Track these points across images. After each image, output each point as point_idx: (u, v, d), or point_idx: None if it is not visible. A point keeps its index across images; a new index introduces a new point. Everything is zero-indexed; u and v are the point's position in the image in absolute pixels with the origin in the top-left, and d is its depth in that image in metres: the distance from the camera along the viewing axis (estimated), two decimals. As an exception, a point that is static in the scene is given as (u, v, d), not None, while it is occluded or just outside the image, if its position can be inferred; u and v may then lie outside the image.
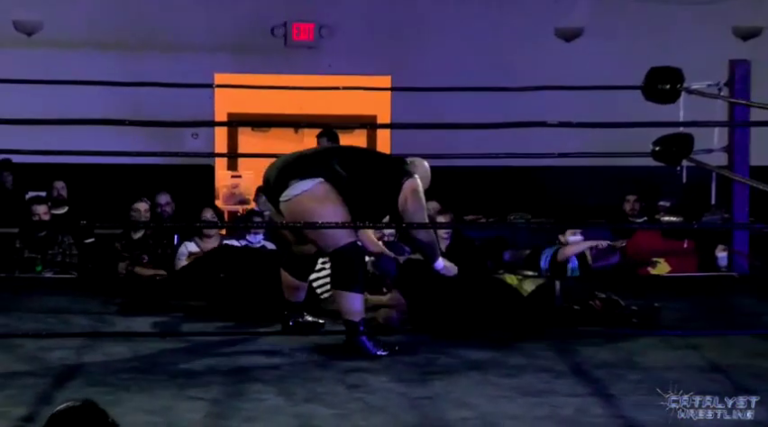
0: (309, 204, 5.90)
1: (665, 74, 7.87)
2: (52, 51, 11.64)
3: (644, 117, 6.46)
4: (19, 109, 7.91)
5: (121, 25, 11.86)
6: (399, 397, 5.13)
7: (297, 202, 5.92)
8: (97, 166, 10.35)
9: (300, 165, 6.02)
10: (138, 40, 11.78)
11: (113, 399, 4.96)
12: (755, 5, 12.38)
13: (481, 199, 11.26)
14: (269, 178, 6.09)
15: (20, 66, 10.27)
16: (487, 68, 11.38)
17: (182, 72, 10.34)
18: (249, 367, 5.60)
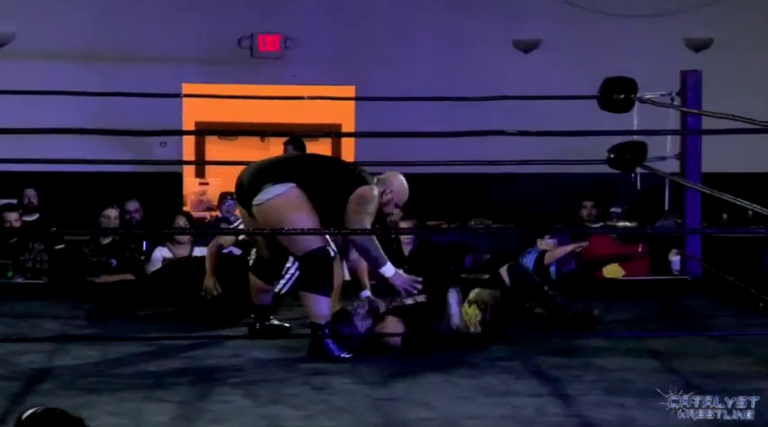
0: (281, 208, 5.86)
1: (619, 84, 7.90)
2: (24, 62, 11.58)
3: (599, 126, 6.48)
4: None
5: (91, 37, 11.82)
6: (363, 399, 5.11)
7: (270, 206, 5.88)
8: (68, 174, 10.32)
9: (273, 170, 5.99)
10: (108, 52, 11.74)
11: (82, 402, 4.92)
12: (706, 18, 12.46)
13: (443, 205, 11.27)
14: (242, 182, 6.05)
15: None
16: (448, 79, 11.42)
17: (151, 82, 10.30)
18: (216, 370, 5.57)
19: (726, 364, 5.68)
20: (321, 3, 11.75)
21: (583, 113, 8.10)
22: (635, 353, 5.89)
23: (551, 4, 12.53)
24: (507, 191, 12.00)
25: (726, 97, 8.35)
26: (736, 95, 10.00)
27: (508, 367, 5.65)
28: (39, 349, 5.85)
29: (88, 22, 11.95)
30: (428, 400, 5.05)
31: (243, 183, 6.03)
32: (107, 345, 5.97)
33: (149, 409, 4.90)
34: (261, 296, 6.27)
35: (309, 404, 5.01)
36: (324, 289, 5.92)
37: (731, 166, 10.53)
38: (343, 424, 4.72)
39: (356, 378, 5.42)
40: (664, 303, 7.34)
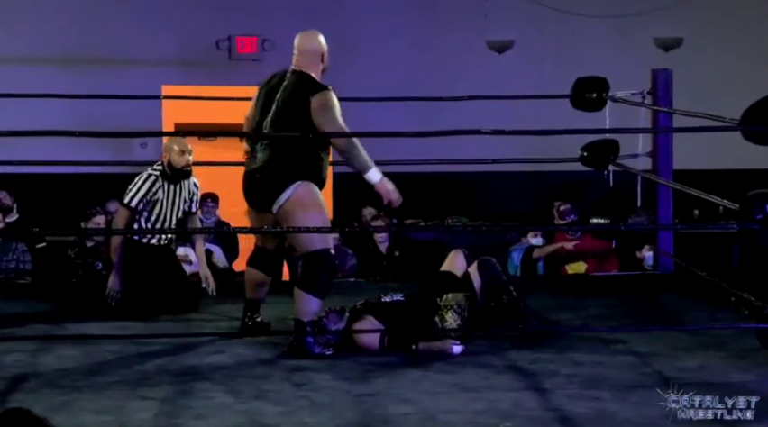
0: (294, 208, 5.89)
1: (591, 83, 7.93)
2: (3, 67, 11.54)
3: (572, 124, 6.49)
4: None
5: (70, 41, 11.80)
6: (343, 394, 5.11)
7: (285, 210, 5.89)
8: (50, 175, 10.29)
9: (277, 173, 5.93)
10: (87, 55, 11.71)
11: (66, 400, 4.91)
12: (675, 18, 12.52)
13: (420, 204, 11.27)
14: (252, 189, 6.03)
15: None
16: (424, 79, 11.43)
17: (131, 85, 10.27)
18: (197, 367, 5.56)
19: (699, 357, 5.70)
20: (298, 6, 11.75)
21: (556, 111, 8.11)
22: (609, 348, 5.91)
23: (523, 6, 12.56)
24: (482, 189, 12.03)
25: (697, 96, 8.39)
26: (706, 93, 10.05)
27: (485, 363, 5.65)
28: (23, 349, 5.83)
29: (68, 26, 11.92)
30: (407, 395, 5.05)
31: (254, 190, 6.01)
32: (90, 344, 5.96)
33: (132, 406, 4.88)
34: (258, 291, 6.22)
35: (290, 399, 5.00)
36: (320, 290, 5.90)
37: (702, 163, 10.58)
38: (324, 420, 4.72)
39: (336, 374, 5.42)
40: (638, 298, 7.36)
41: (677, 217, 8.42)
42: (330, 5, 12.01)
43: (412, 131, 7.17)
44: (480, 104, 8.74)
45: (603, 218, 10.08)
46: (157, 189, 6.94)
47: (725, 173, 10.37)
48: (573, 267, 9.37)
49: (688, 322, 6.69)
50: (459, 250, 6.36)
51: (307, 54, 6.09)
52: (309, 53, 6.09)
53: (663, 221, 8.06)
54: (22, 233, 8.56)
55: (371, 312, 5.99)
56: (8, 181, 10.23)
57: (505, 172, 10.96)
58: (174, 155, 6.99)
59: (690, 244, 8.37)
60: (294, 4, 11.76)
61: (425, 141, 6.41)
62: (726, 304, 6.87)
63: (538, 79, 10.68)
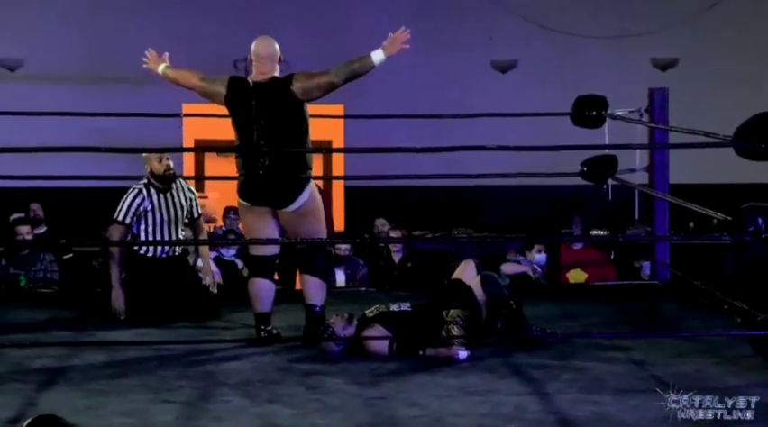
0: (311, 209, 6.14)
1: (591, 102, 7.93)
2: (33, 86, 11.59)
3: (572, 141, 6.50)
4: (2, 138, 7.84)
5: (96, 62, 11.85)
6: (354, 398, 5.11)
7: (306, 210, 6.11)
8: (76, 189, 10.29)
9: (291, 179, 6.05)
10: (111, 75, 11.74)
11: (92, 403, 4.93)
12: (671, 39, 12.53)
13: (428, 216, 11.30)
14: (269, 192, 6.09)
15: (3, 99, 10.20)
16: (431, 98, 11.44)
17: (153, 103, 10.29)
18: (216, 372, 5.57)
19: (695, 363, 5.70)
20: (311, 28, 11.77)
21: (558, 128, 8.12)
22: (609, 353, 5.91)
23: (526, 27, 12.57)
24: (487, 202, 12.03)
25: (692, 113, 8.39)
26: (701, 110, 10.05)
27: (490, 368, 5.65)
28: (50, 354, 5.86)
29: (93, 47, 11.97)
30: (416, 399, 5.06)
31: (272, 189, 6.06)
32: (114, 350, 5.98)
33: (154, 409, 4.90)
34: (264, 303, 6.22)
35: (304, 403, 5.01)
36: (327, 276, 6.22)
37: (697, 177, 10.58)
38: (336, 422, 4.72)
39: (348, 379, 5.42)
40: (636, 306, 7.36)
41: (673, 229, 8.42)
42: (340, 27, 12.03)
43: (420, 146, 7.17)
44: (485, 121, 8.73)
45: (602, 230, 10.08)
46: (143, 201, 6.90)
47: (718, 187, 10.35)
48: (574, 275, 9.36)
49: (683, 329, 6.69)
50: (470, 260, 6.38)
51: (271, 59, 6.18)
52: (271, 58, 6.20)
53: (660, 232, 8.07)
54: (50, 245, 8.57)
55: (380, 320, 6.00)
56: (37, 195, 10.27)
57: (508, 186, 10.94)
58: (154, 164, 6.98)
59: (686, 255, 8.36)
60: (306, 28, 11.78)
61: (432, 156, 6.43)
62: (719, 312, 6.87)
63: (540, 97, 10.66)
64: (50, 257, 8.71)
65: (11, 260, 8.77)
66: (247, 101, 6.04)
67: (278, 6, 12.35)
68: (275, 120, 6.00)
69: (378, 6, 11.88)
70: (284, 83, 6.02)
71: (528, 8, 12.59)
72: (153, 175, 6.96)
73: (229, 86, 6.10)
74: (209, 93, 6.18)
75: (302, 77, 6.03)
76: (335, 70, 6.02)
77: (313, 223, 6.15)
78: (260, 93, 6.03)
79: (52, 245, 8.14)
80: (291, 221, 6.08)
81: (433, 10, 12.13)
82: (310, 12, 12.25)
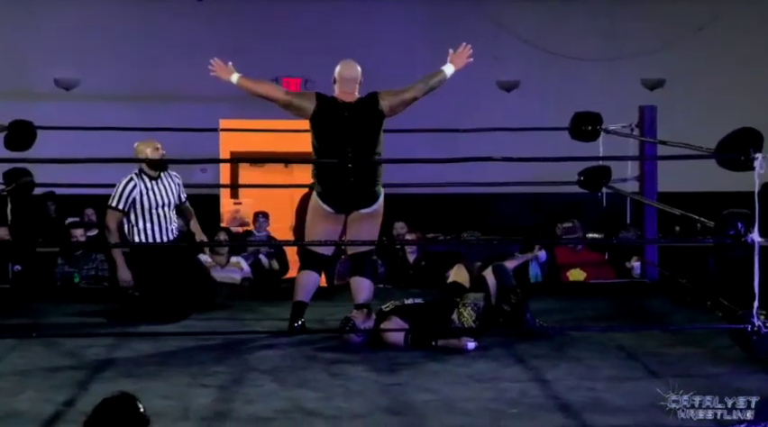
0: (380, 214, 6.16)
1: (587, 117, 7.93)
2: (86, 103, 11.66)
3: (570, 153, 6.49)
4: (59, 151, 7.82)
5: (142, 81, 11.91)
6: (373, 384, 5.11)
7: (377, 212, 6.14)
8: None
9: (372, 184, 6.09)
10: (155, 93, 11.81)
11: (138, 387, 4.92)
12: (659, 62, 12.53)
13: (440, 220, 11.29)
14: (352, 194, 6.07)
15: (60, 115, 10.25)
16: (443, 114, 11.43)
17: (192, 118, 10.33)
18: (248, 360, 5.57)
19: (680, 353, 5.68)
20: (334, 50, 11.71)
21: (557, 142, 8.10)
22: (603, 345, 5.88)
23: (528, 50, 12.58)
24: (493, 208, 12.02)
25: (678, 128, 8.36)
26: (686, 126, 10.00)
27: (496, 357, 5.64)
28: (101, 344, 5.87)
29: (140, 68, 12.03)
30: (429, 385, 5.06)
31: (353, 196, 6.06)
32: (158, 340, 5.97)
33: (193, 393, 4.91)
34: (306, 294, 6.17)
35: (328, 387, 5.01)
36: (375, 279, 6.37)
37: (683, 186, 10.54)
38: (357, 405, 4.72)
39: (368, 367, 5.42)
40: (627, 302, 7.33)
41: (661, 233, 8.39)
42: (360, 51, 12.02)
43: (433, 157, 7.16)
44: (492, 135, 8.73)
45: (597, 233, 10.06)
46: (136, 188, 6.73)
47: (702, 195, 10.29)
48: (574, 274, 9.33)
49: (670, 322, 6.66)
50: (460, 264, 6.37)
51: (354, 81, 6.17)
52: (355, 80, 6.18)
53: (649, 236, 8.04)
54: (101, 246, 8.58)
55: (397, 313, 5.99)
56: (91, 201, 10.30)
57: (513, 193, 10.96)
58: (149, 151, 6.81)
59: (672, 256, 8.34)
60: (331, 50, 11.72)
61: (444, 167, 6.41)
62: (703, 307, 6.85)
63: (541, 114, 10.66)
64: (100, 257, 8.73)
65: (66, 260, 8.81)
66: (338, 118, 6.01)
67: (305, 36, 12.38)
68: (365, 135, 6.01)
69: (394, 31, 11.89)
70: (371, 101, 6.02)
71: (530, 33, 12.61)
72: (148, 164, 6.85)
73: (318, 103, 6.05)
74: (295, 106, 6.10)
75: (388, 95, 6.06)
76: (418, 86, 6.13)
77: (375, 226, 6.16)
78: (351, 111, 6.03)
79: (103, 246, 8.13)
80: (360, 220, 6.06)
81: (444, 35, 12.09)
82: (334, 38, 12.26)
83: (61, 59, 12.26)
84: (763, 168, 5.31)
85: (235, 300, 7.36)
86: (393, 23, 12.41)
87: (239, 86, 6.24)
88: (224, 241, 9.39)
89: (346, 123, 6.00)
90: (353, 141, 5.99)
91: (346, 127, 6.00)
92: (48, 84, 12.25)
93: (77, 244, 9.14)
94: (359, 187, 6.01)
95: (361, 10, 12.66)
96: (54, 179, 7.53)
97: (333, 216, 6.09)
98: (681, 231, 10.29)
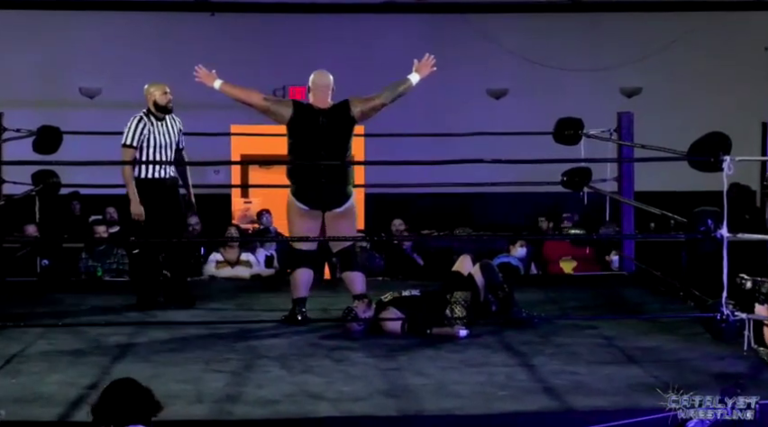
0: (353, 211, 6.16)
1: (569, 123, 7.93)
2: (109, 111, 11.61)
3: (554, 155, 6.49)
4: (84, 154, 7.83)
5: (159, 89, 11.83)
6: (373, 369, 5.11)
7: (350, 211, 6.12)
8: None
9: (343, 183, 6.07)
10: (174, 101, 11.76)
11: (156, 372, 4.94)
12: (636, 72, 12.54)
13: (434, 218, 11.29)
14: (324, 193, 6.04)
15: (84, 122, 10.24)
16: (437, 119, 11.45)
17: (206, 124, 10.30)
18: (258, 347, 5.57)
19: (655, 340, 5.68)
20: (338, 61, 11.75)
21: (542, 145, 8.09)
22: (584, 332, 5.89)
23: (516, 61, 12.58)
24: (484, 207, 12.02)
25: (653, 133, 8.33)
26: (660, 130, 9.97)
27: (486, 344, 5.64)
28: (122, 332, 5.87)
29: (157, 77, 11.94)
30: (424, 370, 5.06)
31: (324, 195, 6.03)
32: (174, 328, 5.97)
33: (207, 377, 4.91)
34: (306, 289, 6.14)
35: (331, 373, 5.01)
36: (365, 269, 6.31)
37: (658, 185, 10.52)
38: (358, 388, 4.73)
39: (368, 353, 5.42)
40: (607, 293, 7.33)
41: (637, 229, 8.38)
42: (362, 62, 12.04)
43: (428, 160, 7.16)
44: (482, 139, 8.71)
45: (580, 229, 10.06)
46: (146, 127, 6.65)
47: (675, 194, 10.27)
48: (565, 264, 9.37)
49: (646, 311, 6.66)
50: (466, 255, 6.35)
51: (327, 88, 6.16)
52: (328, 87, 6.17)
53: (627, 231, 8.03)
54: (122, 242, 8.58)
55: (395, 304, 5.99)
56: (113, 200, 10.29)
57: (501, 193, 10.94)
58: (159, 95, 6.74)
59: (648, 250, 8.33)
60: (335, 60, 11.76)
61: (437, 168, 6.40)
62: (676, 298, 6.85)
63: (527, 120, 10.61)
64: (121, 251, 8.72)
65: (90, 254, 8.80)
66: (314, 122, 6.02)
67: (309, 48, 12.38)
68: (337, 139, 6.00)
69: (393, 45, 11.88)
70: (343, 107, 6.02)
71: (518, 45, 12.60)
72: (156, 105, 6.75)
73: (295, 109, 6.05)
74: (272, 112, 6.12)
75: (358, 102, 6.05)
76: (385, 94, 6.09)
77: (351, 223, 6.15)
78: (325, 116, 6.02)
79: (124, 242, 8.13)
80: (335, 219, 6.06)
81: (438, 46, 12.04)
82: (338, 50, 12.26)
83: (85, 70, 12.27)
84: (731, 169, 5.31)
85: (245, 292, 7.38)
86: (391, 37, 12.39)
87: (222, 92, 6.24)
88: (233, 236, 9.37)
89: (321, 128, 6.01)
90: (326, 144, 6.01)
91: (320, 132, 6.02)
92: (73, 92, 12.25)
93: (99, 240, 9.14)
94: (330, 187, 6.01)
95: (361, 25, 12.66)
96: (79, 180, 7.54)
97: (309, 213, 6.08)
98: (656, 228, 10.28)
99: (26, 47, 12.24)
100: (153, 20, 12.42)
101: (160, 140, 6.71)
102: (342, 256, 6.18)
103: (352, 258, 6.17)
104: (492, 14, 12.62)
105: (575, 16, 12.70)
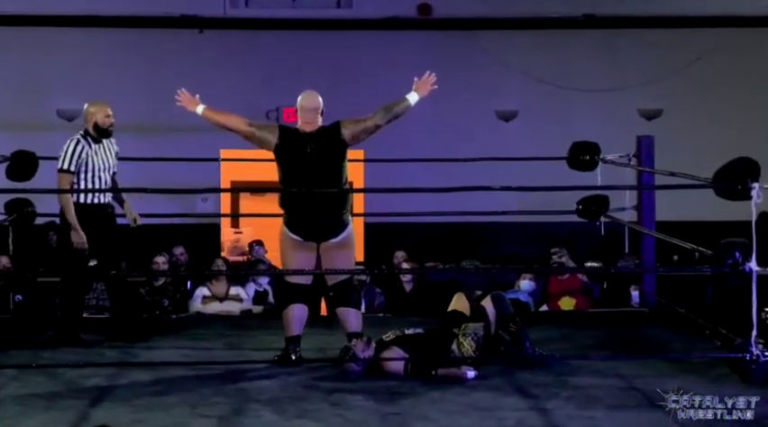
0: (351, 242, 6.15)
1: (585, 147, 7.94)
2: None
3: (569, 182, 6.49)
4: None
5: (143, 113, 11.91)
6: (373, 413, 5.09)
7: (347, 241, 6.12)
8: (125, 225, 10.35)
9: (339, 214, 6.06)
10: (157, 125, 11.81)
11: (139, 417, 4.91)
12: (656, 92, 12.56)
13: (439, 249, 11.27)
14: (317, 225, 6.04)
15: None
16: (443, 143, 11.48)
17: (194, 149, 10.33)
18: (248, 390, 5.54)
19: (679, 381, 5.60)
20: (334, 83, 11.79)
21: (555, 171, 8.10)
22: (602, 373, 5.86)
23: (526, 81, 12.61)
24: (492, 237, 12.01)
25: (675, 158, 8.36)
26: (683, 155, 10.00)
27: (495, 386, 5.61)
28: (102, 373, 5.84)
29: (141, 100, 12.02)
30: (429, 414, 5.03)
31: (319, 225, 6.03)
32: (158, 370, 5.95)
33: (193, 423, 4.89)
34: (300, 326, 6.14)
35: (328, 417, 4.99)
36: (360, 306, 6.35)
37: (680, 215, 10.52)
38: (357, 435, 4.70)
39: (368, 396, 5.39)
40: (626, 330, 7.31)
41: (659, 261, 8.37)
42: (360, 83, 12.07)
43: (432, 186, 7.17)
44: (490, 165, 8.73)
45: (596, 262, 10.05)
46: (84, 149, 6.66)
47: (700, 224, 10.29)
48: (565, 303, 9.34)
49: (668, 351, 6.64)
50: (460, 293, 6.34)
51: (316, 110, 6.16)
52: (316, 110, 6.17)
53: (647, 265, 8.03)
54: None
55: (397, 343, 5.97)
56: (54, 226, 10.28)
57: (512, 222, 10.94)
58: (101, 118, 6.76)
59: (671, 285, 8.32)
60: (332, 83, 11.81)
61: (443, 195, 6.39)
62: (701, 336, 6.83)
63: (539, 144, 10.66)
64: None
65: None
66: (301, 148, 6.02)
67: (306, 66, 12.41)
68: (327, 164, 6.01)
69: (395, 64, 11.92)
70: (333, 130, 6.03)
71: (528, 65, 12.63)
72: (96, 127, 6.75)
73: (281, 135, 6.07)
74: (257, 138, 6.13)
75: (349, 124, 6.06)
76: (379, 114, 6.09)
77: (349, 254, 6.15)
78: (313, 141, 6.04)
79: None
80: (331, 250, 6.05)
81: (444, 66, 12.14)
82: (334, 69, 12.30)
83: (63, 90, 12.28)
84: (760, 197, 5.31)
85: (234, 329, 7.34)
86: (394, 55, 12.43)
87: (204, 118, 6.25)
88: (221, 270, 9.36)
89: (309, 154, 6.02)
90: (317, 171, 6.01)
91: (310, 158, 6.02)
92: (50, 115, 12.27)
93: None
94: (325, 217, 6.01)
95: (361, 43, 12.71)
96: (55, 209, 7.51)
97: (303, 245, 6.08)
98: (679, 260, 10.26)
99: (0, 65, 12.28)
100: (138, 37, 12.46)
101: (98, 164, 6.76)
102: (338, 290, 6.17)
103: (347, 292, 6.15)
104: (500, 31, 12.68)
105: (589, 33, 12.75)
